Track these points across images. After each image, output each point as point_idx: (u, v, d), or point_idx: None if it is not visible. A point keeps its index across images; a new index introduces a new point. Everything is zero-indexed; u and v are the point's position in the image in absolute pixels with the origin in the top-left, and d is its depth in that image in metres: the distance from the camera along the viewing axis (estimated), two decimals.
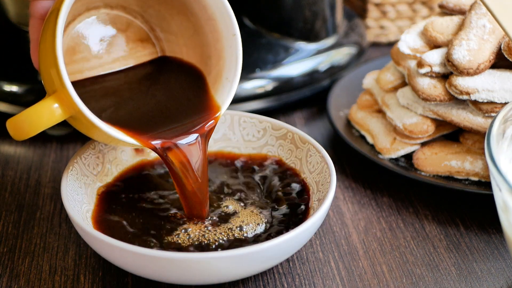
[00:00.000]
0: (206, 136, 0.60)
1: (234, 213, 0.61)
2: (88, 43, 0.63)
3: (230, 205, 0.62)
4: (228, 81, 0.61)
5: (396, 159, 0.71)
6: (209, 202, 0.61)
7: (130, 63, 0.65)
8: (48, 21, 0.55)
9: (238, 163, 0.67)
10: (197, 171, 0.59)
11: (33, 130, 0.56)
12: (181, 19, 0.63)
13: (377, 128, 0.73)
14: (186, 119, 0.61)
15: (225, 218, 0.60)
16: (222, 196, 0.63)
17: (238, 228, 0.59)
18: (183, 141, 0.59)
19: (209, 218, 0.60)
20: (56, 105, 0.55)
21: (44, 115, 0.55)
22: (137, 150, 0.66)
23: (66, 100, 0.54)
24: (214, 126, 0.61)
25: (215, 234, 0.59)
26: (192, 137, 0.59)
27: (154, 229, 0.59)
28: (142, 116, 0.61)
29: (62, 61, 0.53)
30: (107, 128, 0.56)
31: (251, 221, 0.60)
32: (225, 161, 0.67)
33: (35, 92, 0.76)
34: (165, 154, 0.58)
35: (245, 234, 0.59)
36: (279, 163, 0.66)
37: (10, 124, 0.56)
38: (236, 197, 0.63)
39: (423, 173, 0.69)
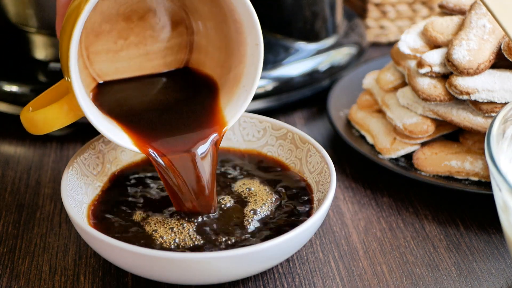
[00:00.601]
0: (215, 144, 0.60)
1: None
2: (116, 21, 0.63)
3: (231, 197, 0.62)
4: (244, 89, 0.61)
5: (396, 159, 0.71)
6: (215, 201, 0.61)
7: (159, 45, 0.64)
8: (69, 18, 0.55)
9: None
10: (201, 182, 0.59)
11: (47, 129, 0.58)
12: (212, 5, 0.62)
13: (377, 128, 0.73)
14: (197, 130, 0.61)
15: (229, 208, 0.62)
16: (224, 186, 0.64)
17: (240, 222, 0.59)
18: (193, 151, 0.60)
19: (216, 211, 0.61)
20: (68, 108, 0.57)
21: (60, 116, 0.57)
22: None
23: (76, 105, 0.56)
24: (221, 138, 0.61)
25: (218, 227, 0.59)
26: (201, 148, 0.60)
27: (155, 224, 0.59)
28: (153, 123, 0.61)
29: (75, 74, 0.55)
30: (111, 135, 0.58)
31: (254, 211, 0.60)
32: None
33: (35, 92, 0.76)
34: (163, 165, 0.59)
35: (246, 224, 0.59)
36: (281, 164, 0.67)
37: (25, 119, 0.58)
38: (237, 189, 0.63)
39: (423, 173, 0.69)
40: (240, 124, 0.69)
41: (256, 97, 0.79)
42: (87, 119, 0.57)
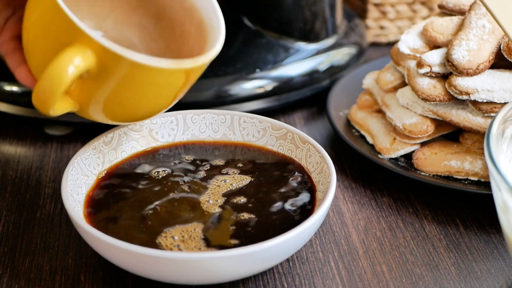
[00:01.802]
0: None
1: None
2: None
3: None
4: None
5: (396, 159, 0.71)
6: None
7: None
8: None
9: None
10: None
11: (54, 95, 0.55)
12: None
13: (377, 128, 0.74)
14: None
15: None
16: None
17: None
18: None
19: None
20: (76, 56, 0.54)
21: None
22: None
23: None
24: None
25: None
26: None
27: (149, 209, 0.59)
28: None
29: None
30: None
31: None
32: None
33: None
34: None
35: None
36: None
37: (34, 99, 0.56)
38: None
39: (423, 173, 0.69)
40: (240, 124, 0.69)
41: (256, 97, 0.79)
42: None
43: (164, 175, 0.65)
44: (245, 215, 0.61)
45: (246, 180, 0.65)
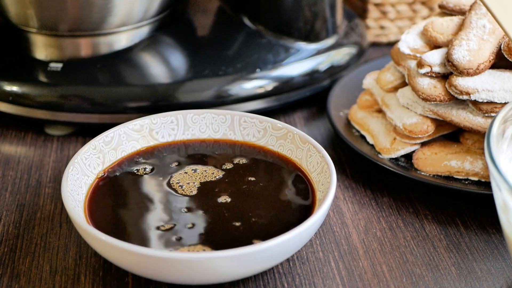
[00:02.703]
0: None
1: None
2: None
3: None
4: None
5: (396, 159, 0.71)
6: None
7: None
8: None
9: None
10: None
11: None
12: None
13: (377, 128, 0.74)
14: None
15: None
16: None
17: None
18: None
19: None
20: None
21: None
22: None
23: None
24: None
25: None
26: None
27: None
28: None
29: None
30: None
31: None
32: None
33: (35, 92, 0.76)
34: None
35: None
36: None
37: None
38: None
39: (423, 173, 0.69)
40: (240, 124, 0.69)
41: (256, 97, 0.79)
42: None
43: (164, 174, 0.65)
44: (246, 215, 0.61)
45: (246, 180, 0.65)
